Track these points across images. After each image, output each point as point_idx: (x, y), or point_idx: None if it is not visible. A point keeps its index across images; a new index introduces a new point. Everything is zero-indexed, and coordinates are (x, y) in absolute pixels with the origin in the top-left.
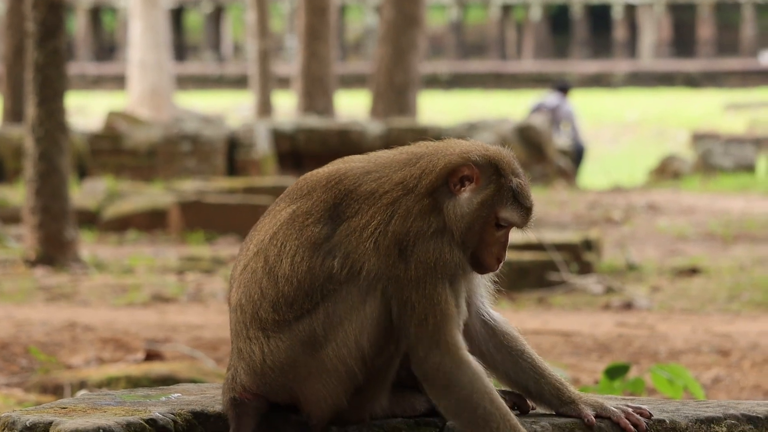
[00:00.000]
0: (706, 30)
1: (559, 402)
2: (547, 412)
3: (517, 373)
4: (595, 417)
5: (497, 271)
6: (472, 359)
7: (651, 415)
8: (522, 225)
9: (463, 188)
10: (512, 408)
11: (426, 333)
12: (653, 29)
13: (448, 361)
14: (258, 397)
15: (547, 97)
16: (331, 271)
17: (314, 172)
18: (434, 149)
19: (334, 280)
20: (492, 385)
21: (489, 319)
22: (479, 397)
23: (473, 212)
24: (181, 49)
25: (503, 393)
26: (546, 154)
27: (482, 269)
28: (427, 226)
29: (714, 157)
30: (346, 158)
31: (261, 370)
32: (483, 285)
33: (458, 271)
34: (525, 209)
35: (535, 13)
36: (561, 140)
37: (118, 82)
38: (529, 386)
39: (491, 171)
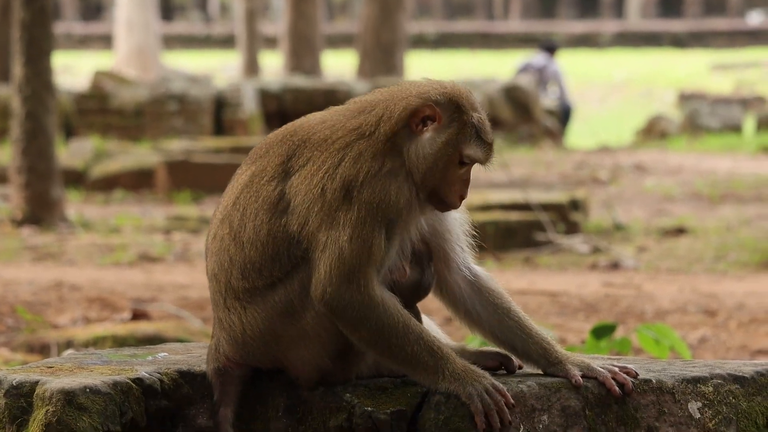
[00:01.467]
0: None
1: (546, 362)
2: (534, 372)
3: (504, 331)
4: (582, 377)
5: (459, 207)
6: (383, 296)
7: (638, 374)
8: (485, 161)
9: (425, 128)
10: (498, 368)
11: (343, 272)
12: None
13: (358, 298)
14: (242, 365)
15: (534, 57)
16: (288, 230)
17: (274, 131)
18: (389, 94)
19: (295, 241)
20: (405, 313)
21: (471, 276)
22: (391, 331)
23: (437, 152)
24: (167, 9)
25: (490, 352)
26: (533, 114)
27: (444, 207)
28: (379, 166)
29: (701, 118)
30: (307, 115)
31: (242, 339)
32: (461, 237)
33: (403, 212)
34: (487, 145)
35: None
36: (548, 100)
37: (105, 41)
38: (515, 345)
39: (452, 109)
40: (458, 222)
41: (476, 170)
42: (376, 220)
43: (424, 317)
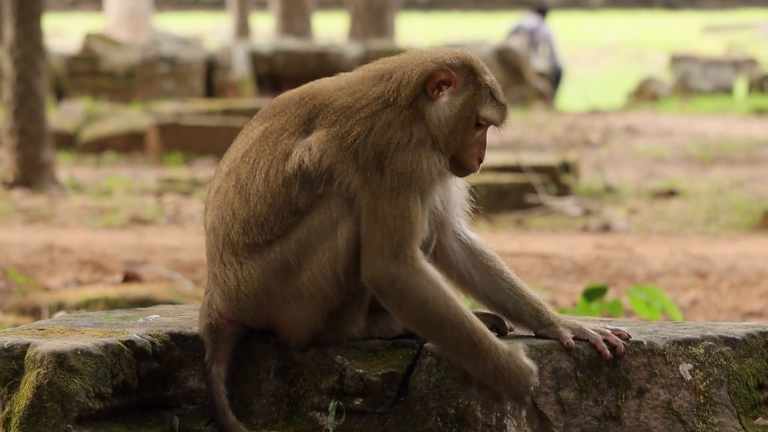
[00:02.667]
0: None
1: (538, 323)
2: (526, 334)
3: (496, 293)
4: (573, 339)
5: (477, 170)
6: (427, 268)
7: (629, 336)
8: (500, 122)
9: (441, 93)
10: (491, 330)
11: (390, 245)
12: None
13: (405, 271)
14: (234, 323)
15: (526, 19)
16: (307, 172)
17: (287, 92)
18: (404, 61)
19: (308, 191)
20: (450, 290)
21: (466, 239)
22: (434, 305)
23: (456, 114)
24: None
25: (481, 315)
26: (524, 76)
27: (464, 171)
28: (408, 137)
29: (692, 80)
30: (317, 80)
31: (236, 296)
32: (459, 204)
33: (434, 182)
34: (502, 106)
35: None
36: (539, 63)
37: (96, 4)
38: (507, 307)
39: (467, 72)
40: (458, 189)
41: (490, 133)
42: (411, 191)
43: None
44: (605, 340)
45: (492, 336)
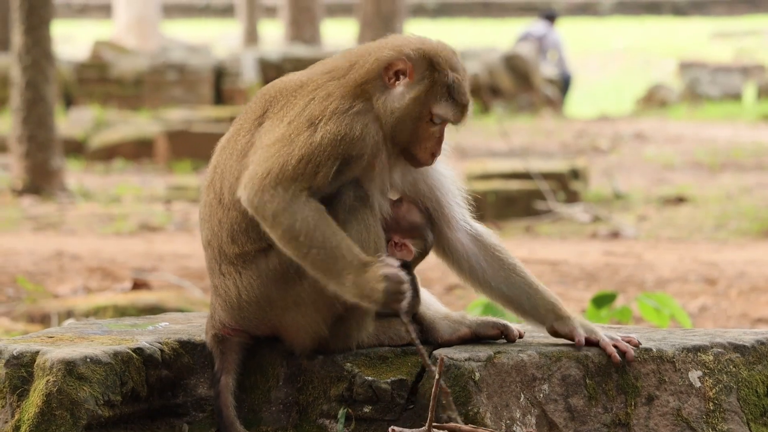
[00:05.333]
0: None
1: (555, 316)
2: (538, 332)
3: (510, 287)
4: (585, 340)
5: (431, 165)
6: (305, 198)
7: (639, 343)
8: (457, 121)
9: (397, 82)
10: (499, 336)
11: (280, 177)
12: None
13: (279, 201)
14: (239, 332)
15: (534, 25)
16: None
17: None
18: (371, 46)
19: None
20: (327, 218)
21: (473, 231)
22: (302, 225)
23: (405, 107)
24: None
25: (489, 322)
26: (533, 82)
27: (417, 163)
28: (347, 105)
29: (701, 86)
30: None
31: (238, 305)
32: (452, 192)
33: (364, 152)
34: (460, 106)
35: None
36: (548, 69)
37: (105, 11)
38: (522, 301)
39: (425, 65)
40: (448, 179)
41: (450, 129)
42: (335, 152)
43: (422, 290)
44: (615, 346)
45: (356, 252)
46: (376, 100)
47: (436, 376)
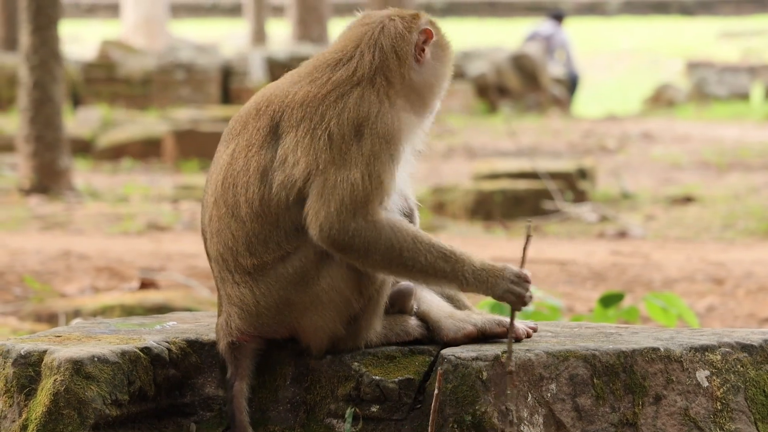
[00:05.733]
0: None
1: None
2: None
3: None
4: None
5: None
6: (387, 217)
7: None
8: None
9: (423, 54)
10: (505, 334)
11: (352, 207)
12: None
13: (364, 226)
14: (255, 338)
15: (542, 25)
16: (287, 189)
17: (240, 111)
18: (367, 33)
19: (293, 205)
20: (411, 227)
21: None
22: (402, 247)
23: (442, 74)
24: None
25: (496, 320)
26: (540, 82)
27: (429, 120)
28: (389, 103)
29: (708, 86)
30: (265, 87)
31: (256, 311)
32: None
33: (407, 142)
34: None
35: None
36: (555, 69)
37: (112, 10)
38: None
39: (439, 33)
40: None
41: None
42: (389, 153)
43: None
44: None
45: (459, 249)
46: (407, 79)
47: (436, 391)
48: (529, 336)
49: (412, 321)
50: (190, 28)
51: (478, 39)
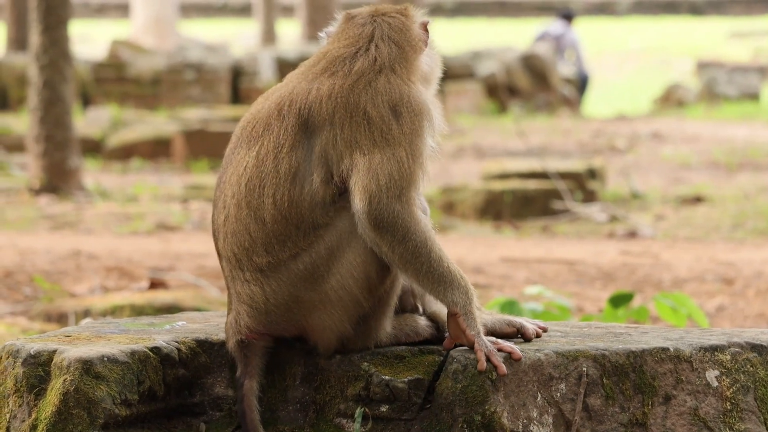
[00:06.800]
0: None
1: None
2: (552, 340)
3: None
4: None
5: None
6: (419, 213)
7: (541, 333)
8: None
9: (426, 43)
10: (515, 335)
11: (399, 185)
12: None
13: (406, 212)
14: (264, 336)
15: (552, 25)
16: (313, 191)
17: (254, 112)
18: (376, 28)
19: (320, 204)
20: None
21: None
22: (429, 247)
23: (436, 59)
24: None
25: (505, 320)
26: (550, 82)
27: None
28: (411, 85)
29: (718, 86)
30: (273, 89)
31: (265, 309)
32: None
33: (436, 116)
34: None
35: None
36: (565, 69)
37: (122, 10)
38: None
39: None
40: None
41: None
42: (426, 130)
43: None
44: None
45: (457, 270)
46: (424, 64)
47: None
48: (538, 336)
49: (422, 321)
50: (199, 28)
51: (488, 39)
